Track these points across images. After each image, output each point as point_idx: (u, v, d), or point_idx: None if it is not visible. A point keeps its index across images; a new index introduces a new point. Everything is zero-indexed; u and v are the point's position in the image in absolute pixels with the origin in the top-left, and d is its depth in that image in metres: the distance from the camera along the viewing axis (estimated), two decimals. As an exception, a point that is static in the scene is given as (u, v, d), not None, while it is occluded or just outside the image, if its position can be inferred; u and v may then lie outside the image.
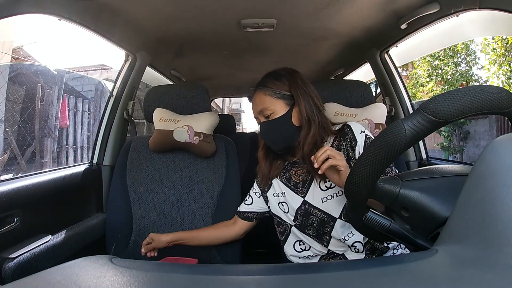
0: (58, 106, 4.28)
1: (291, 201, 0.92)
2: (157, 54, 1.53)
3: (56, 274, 0.29)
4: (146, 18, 1.21)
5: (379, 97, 1.64)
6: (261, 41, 1.54)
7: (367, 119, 1.20)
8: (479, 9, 0.91)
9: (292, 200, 0.92)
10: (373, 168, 0.40)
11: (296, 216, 0.91)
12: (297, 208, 0.91)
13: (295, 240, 0.94)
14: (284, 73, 0.91)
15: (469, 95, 0.37)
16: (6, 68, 3.43)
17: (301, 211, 0.90)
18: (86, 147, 4.77)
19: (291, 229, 0.95)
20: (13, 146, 3.70)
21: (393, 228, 0.45)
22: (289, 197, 0.93)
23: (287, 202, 0.93)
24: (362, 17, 1.26)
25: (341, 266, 0.40)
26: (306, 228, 0.91)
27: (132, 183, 1.21)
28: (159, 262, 0.83)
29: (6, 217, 0.87)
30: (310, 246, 0.91)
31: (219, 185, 1.21)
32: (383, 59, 1.49)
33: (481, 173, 0.32)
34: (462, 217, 0.31)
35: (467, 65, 7.10)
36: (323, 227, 0.88)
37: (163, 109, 1.25)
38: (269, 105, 0.88)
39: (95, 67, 5.61)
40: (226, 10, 1.18)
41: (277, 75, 0.91)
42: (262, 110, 0.89)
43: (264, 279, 0.31)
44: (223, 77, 2.33)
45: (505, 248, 0.26)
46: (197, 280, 0.30)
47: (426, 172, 0.46)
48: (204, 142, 1.19)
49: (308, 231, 0.90)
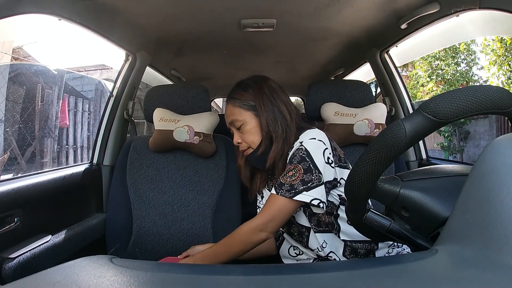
0: (58, 106, 4.28)
1: None
2: (157, 54, 1.53)
3: (56, 274, 0.29)
4: (146, 18, 1.21)
5: (379, 97, 1.64)
6: (261, 41, 1.54)
7: (367, 119, 1.20)
8: (479, 9, 0.91)
9: None
10: (373, 168, 0.40)
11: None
12: None
13: (289, 245, 0.95)
14: (250, 83, 0.91)
15: (469, 95, 0.37)
16: (6, 68, 3.43)
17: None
18: (86, 147, 4.78)
19: (283, 235, 0.96)
20: (13, 146, 3.70)
21: (393, 228, 0.45)
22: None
23: None
24: (362, 17, 1.25)
25: (341, 266, 0.40)
26: (292, 236, 0.92)
27: (132, 183, 1.21)
28: (159, 262, 0.83)
29: (6, 217, 0.87)
30: (303, 251, 0.92)
31: (219, 185, 1.21)
32: (383, 59, 1.49)
33: (481, 173, 0.32)
34: (462, 217, 0.31)
35: (467, 65, 7.10)
36: (301, 236, 0.89)
37: (163, 109, 1.25)
38: (238, 117, 0.88)
39: (95, 67, 5.61)
40: (226, 10, 1.18)
41: (244, 86, 0.91)
42: (233, 121, 0.90)
43: (263, 279, 0.31)
44: (223, 77, 2.33)
45: (505, 248, 0.26)
46: (197, 280, 0.30)
47: (426, 172, 0.46)
48: (204, 142, 1.19)
49: (295, 238, 0.92)
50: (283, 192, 0.77)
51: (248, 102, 0.88)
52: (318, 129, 0.86)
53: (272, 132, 0.85)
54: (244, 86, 0.91)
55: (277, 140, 0.85)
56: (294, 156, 0.80)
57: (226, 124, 0.94)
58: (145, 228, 1.18)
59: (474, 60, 7.08)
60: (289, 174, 0.78)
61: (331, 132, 1.18)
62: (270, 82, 0.91)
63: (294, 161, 0.79)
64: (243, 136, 0.89)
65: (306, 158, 0.78)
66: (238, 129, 0.90)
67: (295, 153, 0.81)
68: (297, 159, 0.79)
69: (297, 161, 0.79)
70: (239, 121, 0.88)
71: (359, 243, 0.85)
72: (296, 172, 0.77)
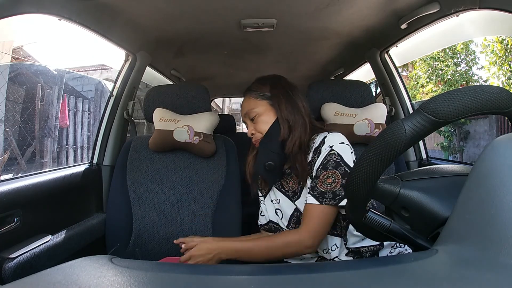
0: (58, 106, 4.28)
1: (285, 207, 0.93)
2: (157, 54, 1.53)
3: (56, 274, 0.29)
4: (146, 18, 1.21)
5: (379, 97, 1.64)
6: (261, 41, 1.54)
7: (367, 119, 1.20)
8: (479, 9, 0.91)
9: (286, 207, 0.92)
10: (373, 168, 0.40)
11: (289, 222, 0.92)
12: (290, 215, 0.91)
13: None
14: (269, 77, 0.95)
15: (469, 95, 0.37)
16: (6, 68, 3.43)
17: (294, 218, 0.91)
18: (86, 147, 4.78)
19: None
20: (13, 146, 3.70)
21: (393, 228, 0.45)
22: (283, 203, 0.93)
23: (281, 209, 0.94)
24: (362, 17, 1.26)
25: (341, 266, 0.40)
26: None
27: (132, 183, 1.21)
28: (159, 262, 0.83)
29: (6, 217, 0.87)
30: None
31: (219, 185, 1.21)
32: (383, 59, 1.49)
33: (481, 173, 0.32)
34: (462, 217, 0.31)
35: (467, 65, 7.10)
36: None
37: (163, 109, 1.25)
38: (253, 106, 0.90)
39: (95, 67, 5.61)
40: (226, 10, 1.18)
41: (263, 80, 0.95)
42: (248, 112, 0.91)
43: (263, 279, 0.31)
44: (223, 77, 2.33)
45: (505, 248, 0.26)
46: (197, 280, 0.30)
47: (426, 172, 0.46)
48: (204, 142, 1.19)
49: None
50: (328, 201, 0.78)
51: (264, 93, 0.91)
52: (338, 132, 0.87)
53: (290, 120, 0.87)
54: (262, 80, 0.95)
55: (295, 128, 0.86)
56: (327, 162, 0.81)
57: (241, 118, 0.95)
58: (145, 228, 1.18)
59: (473, 60, 7.08)
60: (328, 181, 0.79)
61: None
62: (287, 80, 0.96)
63: (330, 167, 0.80)
64: (257, 126, 0.90)
65: (340, 163, 0.80)
66: (252, 120, 0.91)
67: (328, 159, 0.81)
68: (332, 164, 0.80)
69: (333, 166, 0.80)
70: (254, 111, 0.90)
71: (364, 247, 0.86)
72: (335, 178, 0.79)
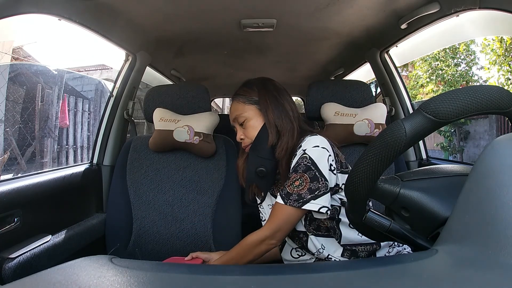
0: (58, 106, 4.28)
1: None
2: (157, 54, 1.53)
3: (56, 274, 0.29)
4: (146, 18, 1.21)
5: (379, 97, 1.64)
6: (261, 41, 1.54)
7: (367, 119, 1.20)
8: (479, 9, 0.91)
9: None
10: (373, 168, 0.40)
11: None
12: None
13: (290, 248, 0.94)
14: (256, 82, 0.94)
15: (469, 95, 0.37)
16: (6, 68, 3.43)
17: None
18: (86, 147, 4.78)
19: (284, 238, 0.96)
20: (13, 146, 3.70)
21: (393, 228, 0.45)
22: None
23: None
24: (362, 17, 1.25)
25: (341, 266, 0.40)
26: (293, 239, 0.92)
27: (132, 183, 1.21)
28: (159, 262, 0.83)
29: (6, 217, 0.87)
30: (305, 253, 0.91)
31: (219, 185, 1.21)
32: (383, 59, 1.49)
33: (481, 173, 0.32)
34: (462, 217, 0.31)
35: (467, 65, 7.10)
36: (300, 240, 0.89)
37: (163, 109, 1.25)
38: (241, 111, 0.90)
39: (95, 67, 5.61)
40: (226, 10, 1.18)
41: (250, 84, 0.94)
42: (236, 117, 0.91)
43: (263, 279, 0.31)
44: (223, 77, 2.33)
45: (505, 248, 0.26)
46: (197, 280, 0.30)
47: (426, 172, 0.46)
48: (204, 142, 1.19)
49: (295, 241, 0.92)
50: (291, 202, 0.77)
51: (252, 98, 0.90)
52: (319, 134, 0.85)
53: (278, 126, 0.86)
54: (249, 84, 0.94)
55: (284, 134, 0.86)
56: (298, 165, 0.80)
57: (230, 122, 0.95)
58: (145, 228, 1.18)
59: (473, 60, 7.08)
60: (296, 183, 0.78)
61: (331, 132, 1.18)
62: (274, 82, 0.94)
63: (300, 170, 0.79)
64: (246, 132, 0.90)
65: (311, 167, 0.78)
66: (241, 125, 0.91)
67: (299, 162, 0.80)
68: (302, 168, 0.78)
69: (303, 170, 0.78)
70: (243, 116, 0.90)
71: (360, 246, 0.85)
72: (303, 182, 0.78)
